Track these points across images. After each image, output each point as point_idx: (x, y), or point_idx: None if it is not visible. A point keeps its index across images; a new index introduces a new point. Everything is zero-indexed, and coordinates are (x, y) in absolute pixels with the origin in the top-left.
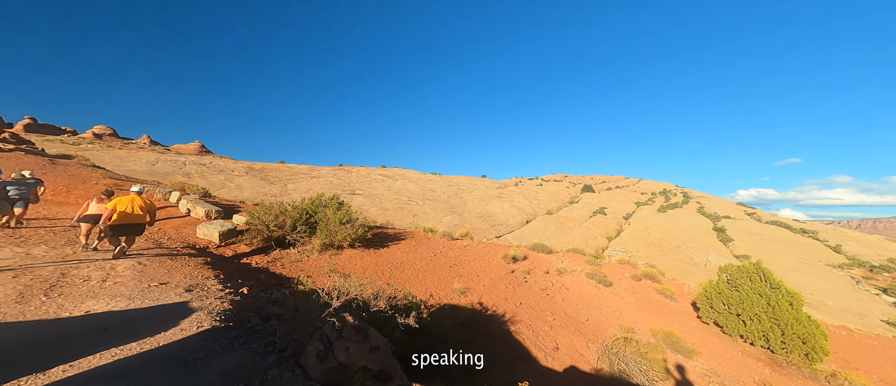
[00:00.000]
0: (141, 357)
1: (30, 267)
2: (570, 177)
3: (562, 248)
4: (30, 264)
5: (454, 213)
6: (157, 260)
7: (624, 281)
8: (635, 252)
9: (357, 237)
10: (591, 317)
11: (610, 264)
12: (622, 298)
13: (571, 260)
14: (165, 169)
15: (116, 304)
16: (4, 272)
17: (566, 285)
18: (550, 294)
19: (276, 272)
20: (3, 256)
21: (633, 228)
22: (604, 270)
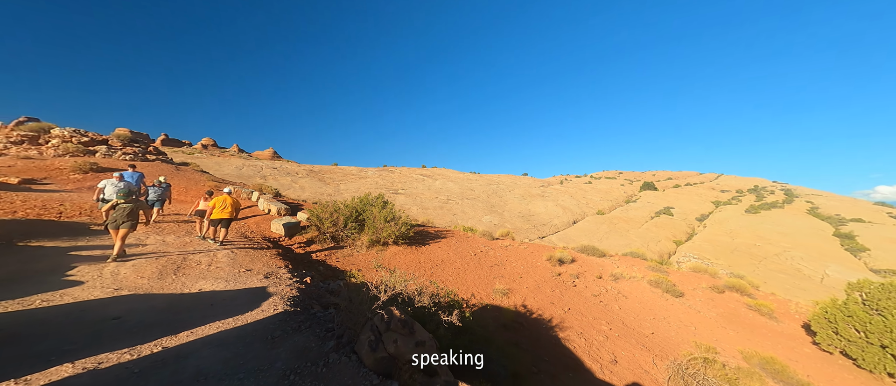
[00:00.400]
0: (235, 331)
1: (165, 252)
2: (626, 173)
3: (616, 251)
4: (164, 250)
5: (494, 212)
6: (243, 250)
7: (700, 292)
8: (714, 259)
9: (400, 235)
10: (657, 330)
11: (680, 272)
12: (698, 311)
13: (629, 265)
14: (248, 172)
15: (217, 285)
16: (150, 256)
17: (623, 293)
18: (605, 301)
19: (331, 265)
20: (149, 244)
21: (710, 232)
22: (672, 279)
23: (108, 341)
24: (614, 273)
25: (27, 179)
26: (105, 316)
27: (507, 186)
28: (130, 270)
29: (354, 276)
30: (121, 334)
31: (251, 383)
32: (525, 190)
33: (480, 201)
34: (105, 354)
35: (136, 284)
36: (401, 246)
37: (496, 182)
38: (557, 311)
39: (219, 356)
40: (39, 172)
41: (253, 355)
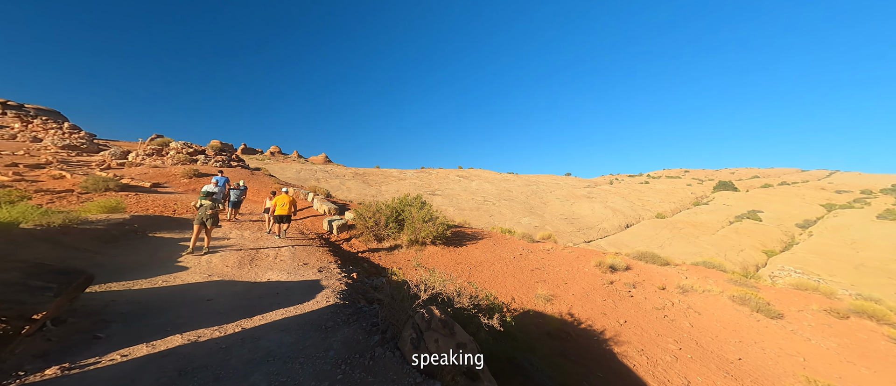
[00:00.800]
0: (296, 319)
1: (243, 246)
2: (694, 172)
3: (682, 260)
4: (242, 244)
5: (533, 214)
6: (301, 247)
7: (808, 315)
8: (827, 276)
9: (438, 235)
10: (746, 356)
11: (775, 289)
12: (808, 339)
13: (701, 276)
14: (305, 175)
15: (281, 276)
16: (232, 248)
17: (695, 308)
18: (671, 317)
19: (375, 262)
20: (232, 237)
21: (820, 241)
22: (765, 295)
23: (203, 319)
24: (682, 285)
25: (155, 183)
26: (201, 297)
27: (547, 187)
28: (219, 260)
29: (396, 274)
30: (212, 314)
31: (310, 368)
32: (568, 191)
33: (518, 203)
34: (202, 329)
35: (222, 272)
36: (438, 246)
37: (535, 183)
38: (611, 322)
39: (284, 340)
40: (162, 178)
41: (310, 342)
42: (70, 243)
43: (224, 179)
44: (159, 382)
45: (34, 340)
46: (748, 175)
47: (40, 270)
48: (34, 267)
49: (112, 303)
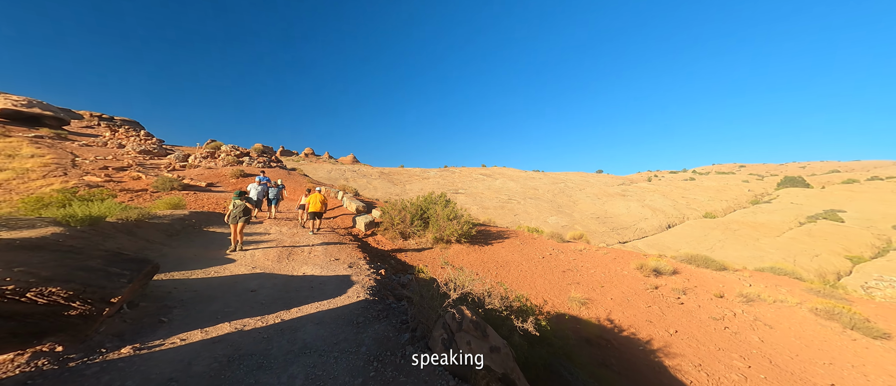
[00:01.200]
0: (329, 313)
1: (281, 242)
2: (752, 167)
3: (740, 265)
4: (280, 240)
5: (561, 212)
6: (332, 243)
7: None
8: None
9: (463, 233)
10: (841, 382)
11: (873, 302)
12: None
13: (770, 284)
14: (335, 175)
15: (315, 270)
16: (271, 244)
17: (765, 321)
18: (734, 329)
19: (401, 259)
20: (272, 233)
21: None
22: (860, 310)
23: (248, 308)
24: (745, 293)
25: (210, 183)
26: (246, 288)
27: (576, 185)
28: (261, 255)
29: (423, 271)
30: (255, 304)
31: (344, 363)
32: (600, 189)
33: (545, 201)
34: (247, 319)
35: (264, 265)
36: (463, 245)
37: (563, 180)
38: (658, 331)
39: (319, 333)
40: (215, 178)
41: (343, 337)
42: (143, 235)
43: (266, 179)
44: (211, 367)
45: (113, 321)
46: (824, 170)
47: (118, 259)
48: (113, 255)
49: (174, 290)
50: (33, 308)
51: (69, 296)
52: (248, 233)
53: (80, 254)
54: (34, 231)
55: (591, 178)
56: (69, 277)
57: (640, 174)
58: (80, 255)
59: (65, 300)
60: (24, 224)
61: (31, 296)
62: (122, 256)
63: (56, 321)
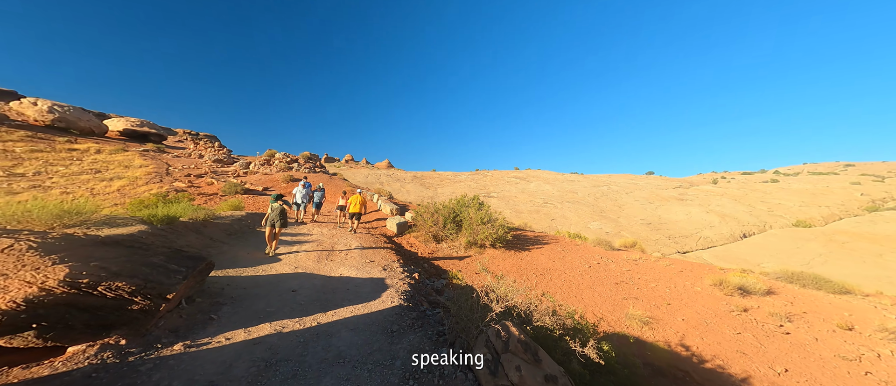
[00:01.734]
0: (364, 319)
1: (321, 243)
2: (863, 165)
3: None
4: (321, 240)
5: (604, 217)
6: (368, 246)
7: None
8: None
9: (498, 237)
10: None
11: None
12: None
13: None
14: (371, 179)
15: (351, 272)
16: (313, 244)
17: None
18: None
19: (434, 263)
20: (313, 234)
21: None
22: None
23: (288, 310)
24: (891, 328)
25: (265, 187)
26: (288, 288)
27: (622, 188)
28: (303, 255)
29: (457, 277)
30: (295, 305)
31: (378, 377)
32: (651, 192)
33: (585, 205)
34: (286, 320)
35: (305, 266)
36: (499, 249)
37: (606, 183)
38: (758, 367)
39: (353, 341)
40: (269, 182)
41: (377, 347)
42: (208, 234)
43: (309, 184)
44: (249, 371)
45: (172, 316)
46: None
47: (177, 255)
48: (174, 252)
49: (227, 287)
50: (103, 301)
51: (132, 290)
52: (292, 233)
53: (147, 250)
54: (125, 229)
55: (639, 181)
56: (134, 271)
57: (701, 176)
58: (147, 251)
59: (129, 295)
60: (120, 222)
61: (102, 289)
62: (181, 253)
63: (122, 315)
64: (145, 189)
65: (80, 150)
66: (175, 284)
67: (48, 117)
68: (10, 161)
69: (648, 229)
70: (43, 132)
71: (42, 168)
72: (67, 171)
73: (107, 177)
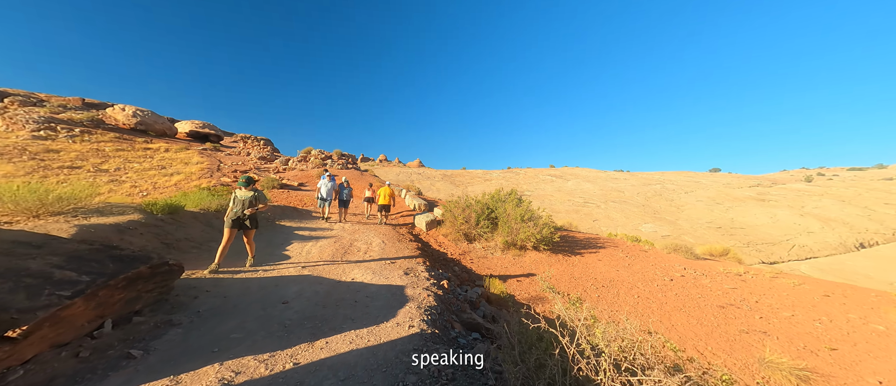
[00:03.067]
0: (364, 355)
1: (340, 238)
2: None
3: None
4: (340, 235)
5: (658, 219)
6: (391, 242)
7: None
8: None
9: (542, 238)
10: None
11: None
12: None
13: None
14: (403, 178)
15: (365, 276)
16: (333, 238)
17: None
18: None
19: (466, 265)
20: (335, 228)
21: None
22: None
23: (264, 335)
24: None
25: (300, 183)
26: (281, 297)
27: (679, 186)
28: (317, 251)
29: (495, 288)
30: (277, 327)
31: None
32: (719, 191)
33: (634, 205)
34: (248, 357)
35: (314, 266)
36: (543, 253)
37: (659, 181)
38: None
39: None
40: (304, 178)
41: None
42: (218, 226)
43: (333, 178)
44: None
45: (66, 352)
46: None
47: (89, 258)
48: (89, 253)
49: (204, 294)
50: None
51: None
52: (312, 227)
53: (40, 248)
54: (114, 218)
55: (702, 178)
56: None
57: (788, 173)
58: (40, 250)
59: None
60: (116, 211)
61: None
62: (103, 254)
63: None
64: (197, 183)
65: (152, 149)
66: (41, 307)
67: (132, 121)
68: (100, 159)
69: (718, 234)
70: (127, 134)
71: (122, 164)
72: (140, 167)
73: (169, 172)
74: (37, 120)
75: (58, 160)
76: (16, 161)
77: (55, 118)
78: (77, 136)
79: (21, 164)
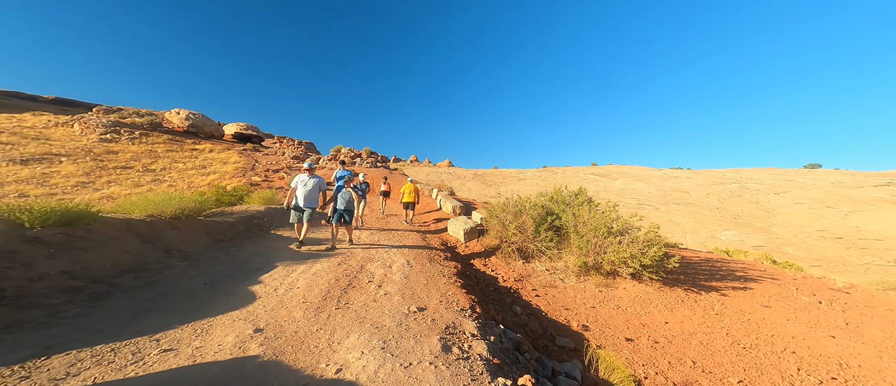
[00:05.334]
0: None
1: (347, 257)
2: None
3: None
4: (349, 251)
5: (741, 224)
6: (419, 265)
7: None
8: None
9: (649, 264)
10: None
11: None
12: None
13: None
14: (433, 178)
15: (372, 341)
16: (337, 255)
17: None
18: None
19: (530, 301)
20: (342, 246)
21: None
22: None
23: None
24: None
25: (328, 182)
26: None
27: (766, 186)
28: (304, 285)
29: (608, 366)
30: None
31: None
32: (828, 191)
33: (705, 207)
34: None
35: (283, 324)
36: (647, 283)
37: (736, 179)
38: None
39: None
40: (329, 176)
41: None
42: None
43: (346, 173)
44: None
45: None
46: None
47: None
48: None
49: None
50: None
51: None
52: (314, 237)
53: None
54: None
55: (797, 176)
56: None
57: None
58: None
59: None
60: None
61: None
62: None
63: None
64: (228, 182)
65: (198, 150)
66: None
67: (185, 123)
68: (151, 159)
69: (840, 247)
70: (180, 136)
71: (168, 165)
72: (183, 167)
73: (207, 172)
74: (105, 124)
75: (114, 161)
76: (79, 162)
77: (121, 122)
78: (136, 138)
79: (83, 164)
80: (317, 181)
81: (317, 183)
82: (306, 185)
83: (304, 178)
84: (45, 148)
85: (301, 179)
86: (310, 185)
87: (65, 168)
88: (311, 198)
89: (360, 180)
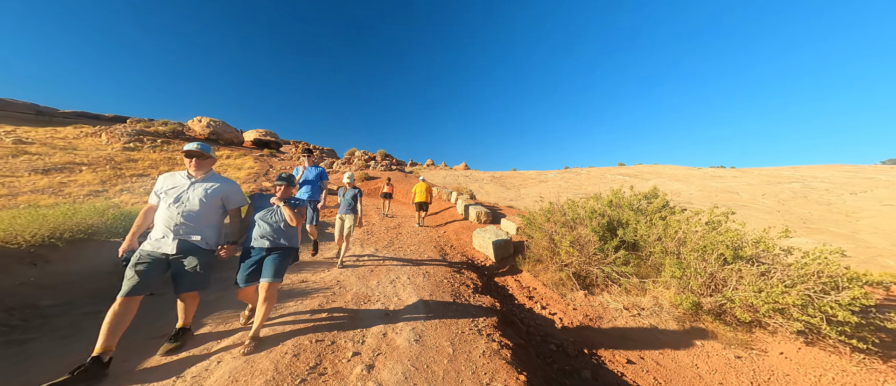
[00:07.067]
0: None
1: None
2: None
3: None
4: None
5: (814, 229)
6: (438, 294)
7: None
8: None
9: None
10: None
11: None
12: None
13: None
14: (449, 180)
15: None
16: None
17: None
18: None
19: (618, 373)
20: (337, 273)
21: None
22: None
23: None
24: None
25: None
26: None
27: (838, 185)
28: (267, 364)
29: None
30: None
31: None
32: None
33: (763, 210)
34: None
35: None
36: (835, 350)
37: (795, 178)
38: None
39: None
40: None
41: None
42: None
43: (317, 169)
44: None
45: None
46: None
47: None
48: None
49: None
50: None
51: None
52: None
53: None
54: None
55: (876, 173)
56: None
57: None
58: None
59: None
60: None
61: None
62: None
63: None
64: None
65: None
66: None
67: (206, 131)
68: (169, 166)
69: None
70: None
71: None
72: None
73: None
74: (130, 133)
75: (133, 169)
76: (98, 170)
77: (145, 132)
78: (158, 146)
79: (101, 172)
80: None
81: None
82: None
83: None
84: (69, 157)
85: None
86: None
87: (83, 177)
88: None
89: (345, 184)
